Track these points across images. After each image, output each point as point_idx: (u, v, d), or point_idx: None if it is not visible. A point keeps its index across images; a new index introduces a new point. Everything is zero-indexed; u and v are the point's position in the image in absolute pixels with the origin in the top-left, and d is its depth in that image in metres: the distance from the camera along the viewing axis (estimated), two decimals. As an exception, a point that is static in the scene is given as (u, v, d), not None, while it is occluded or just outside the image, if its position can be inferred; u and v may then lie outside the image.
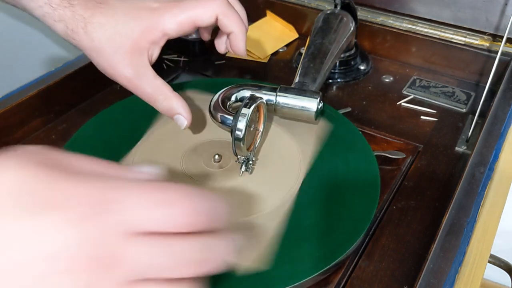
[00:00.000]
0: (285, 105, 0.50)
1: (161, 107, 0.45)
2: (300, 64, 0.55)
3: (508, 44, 0.63)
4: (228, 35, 0.46)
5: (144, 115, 0.54)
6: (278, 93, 0.50)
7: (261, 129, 0.48)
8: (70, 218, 0.20)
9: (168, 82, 0.64)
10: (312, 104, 0.49)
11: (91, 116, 0.53)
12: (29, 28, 0.84)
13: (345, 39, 0.59)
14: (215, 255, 0.24)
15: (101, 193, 0.21)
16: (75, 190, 0.21)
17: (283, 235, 0.41)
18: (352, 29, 0.61)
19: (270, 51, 0.70)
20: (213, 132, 0.52)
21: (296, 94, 0.50)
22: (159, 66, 0.67)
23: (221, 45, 0.50)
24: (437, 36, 0.66)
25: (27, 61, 0.85)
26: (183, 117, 0.45)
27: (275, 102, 0.50)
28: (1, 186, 0.21)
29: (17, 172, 0.21)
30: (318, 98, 0.49)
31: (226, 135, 0.51)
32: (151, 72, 0.44)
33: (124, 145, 0.49)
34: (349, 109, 0.58)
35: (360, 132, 0.52)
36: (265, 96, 0.50)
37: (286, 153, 0.49)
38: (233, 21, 0.45)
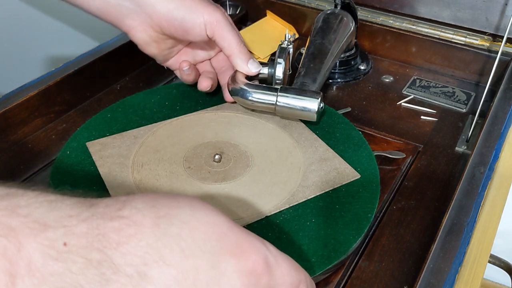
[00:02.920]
0: (286, 106, 0.50)
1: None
2: (300, 64, 0.55)
3: (508, 44, 0.63)
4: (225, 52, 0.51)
5: (145, 114, 0.54)
6: (279, 93, 0.50)
7: (288, 71, 0.53)
8: (244, 268, 0.25)
9: (168, 82, 0.64)
10: (313, 105, 0.49)
11: (91, 116, 0.53)
12: (29, 28, 0.84)
13: (345, 39, 0.59)
14: None
15: (264, 254, 0.26)
16: (250, 245, 0.26)
17: (297, 227, 0.41)
18: (352, 29, 0.61)
19: (270, 51, 0.70)
20: (213, 132, 0.52)
21: (297, 94, 0.50)
22: (159, 66, 0.67)
23: (203, 81, 0.54)
24: (437, 36, 0.66)
25: (27, 61, 0.85)
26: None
27: (276, 103, 0.50)
28: (205, 226, 0.25)
29: (215, 215, 0.26)
30: (319, 98, 0.49)
31: (226, 136, 0.51)
32: None
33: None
34: (349, 109, 0.58)
35: (360, 132, 0.52)
36: (266, 97, 0.50)
37: (286, 153, 0.49)
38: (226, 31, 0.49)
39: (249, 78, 0.53)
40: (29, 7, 0.83)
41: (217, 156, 0.48)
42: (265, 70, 0.54)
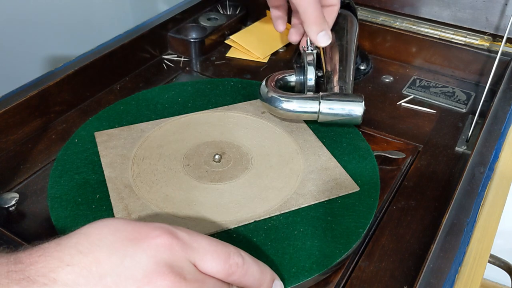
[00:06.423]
0: (330, 113, 0.49)
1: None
2: (325, 68, 0.54)
3: (508, 44, 0.63)
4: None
5: (157, 109, 0.54)
6: (322, 100, 0.48)
7: (315, 76, 0.52)
8: (147, 244, 0.29)
9: (168, 82, 0.64)
10: (358, 108, 0.48)
11: (91, 116, 0.54)
12: (29, 28, 0.84)
13: (356, 38, 0.59)
14: None
15: (168, 230, 0.30)
16: (148, 228, 0.30)
17: (283, 235, 0.41)
18: (357, 28, 0.61)
19: (270, 51, 0.70)
20: (219, 132, 0.52)
21: (340, 100, 0.48)
22: (159, 66, 0.67)
23: (292, 35, 0.57)
24: (437, 36, 0.66)
25: (27, 61, 0.85)
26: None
27: (319, 110, 0.49)
28: (107, 227, 0.29)
29: (110, 220, 0.30)
30: (363, 101, 0.48)
31: (231, 136, 0.51)
32: None
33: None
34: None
35: (360, 132, 0.52)
36: (307, 106, 0.49)
37: (287, 159, 0.49)
38: None
39: (279, 86, 0.53)
40: (29, 7, 0.83)
41: (217, 156, 0.48)
42: (292, 78, 0.54)
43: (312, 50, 0.52)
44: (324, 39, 0.51)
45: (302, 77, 0.53)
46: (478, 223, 0.40)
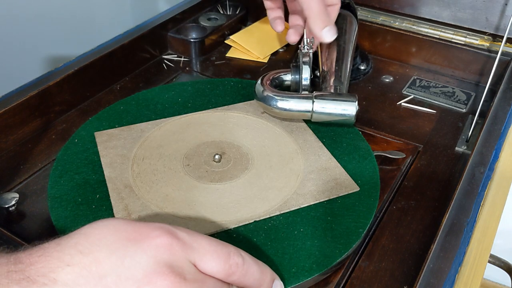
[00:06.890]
0: (323, 112, 0.49)
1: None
2: (321, 68, 0.54)
3: (508, 44, 0.63)
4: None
5: (157, 109, 0.54)
6: (315, 100, 0.49)
7: (311, 76, 0.53)
8: (147, 244, 0.29)
9: (168, 82, 0.64)
10: (351, 108, 0.48)
11: (91, 116, 0.54)
12: (29, 28, 0.84)
13: (355, 38, 0.59)
14: None
15: (168, 230, 0.30)
16: (148, 228, 0.30)
17: (283, 235, 0.41)
18: (357, 28, 0.61)
19: (270, 51, 0.70)
20: (219, 132, 0.52)
21: (334, 99, 0.49)
22: (159, 66, 0.67)
23: (291, 35, 0.58)
24: (437, 36, 0.66)
25: (27, 61, 0.85)
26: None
27: (313, 110, 0.49)
28: (107, 227, 0.29)
29: (111, 220, 0.30)
30: (356, 101, 0.48)
31: (231, 136, 0.51)
32: None
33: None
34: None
35: (360, 132, 0.52)
36: (301, 105, 0.49)
37: (287, 159, 0.49)
38: None
39: (274, 85, 0.53)
40: (29, 6, 0.83)
41: (217, 156, 0.48)
42: (288, 77, 0.54)
43: (308, 49, 0.52)
44: (329, 34, 0.51)
45: (297, 77, 0.53)
46: (478, 223, 0.40)
